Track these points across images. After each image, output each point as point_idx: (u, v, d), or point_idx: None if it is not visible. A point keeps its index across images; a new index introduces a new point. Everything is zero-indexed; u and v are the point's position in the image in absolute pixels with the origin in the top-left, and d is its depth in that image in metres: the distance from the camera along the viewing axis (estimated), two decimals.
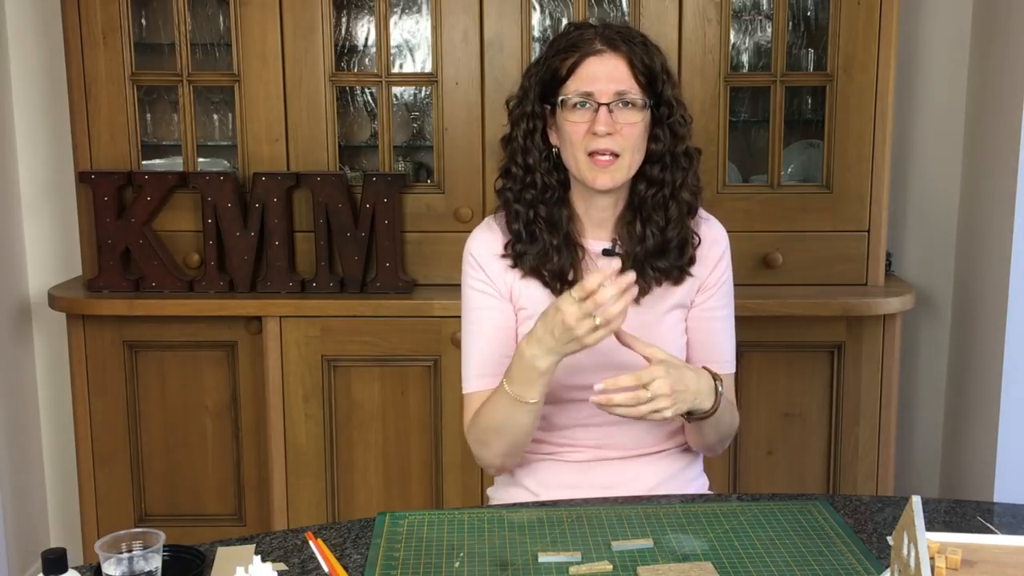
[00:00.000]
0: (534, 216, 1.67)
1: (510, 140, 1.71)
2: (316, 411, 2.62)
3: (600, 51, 1.62)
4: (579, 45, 1.63)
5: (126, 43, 2.62)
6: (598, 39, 1.63)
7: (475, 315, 1.72)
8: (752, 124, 2.81)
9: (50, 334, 3.00)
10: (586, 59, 1.62)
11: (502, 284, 1.71)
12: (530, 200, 1.68)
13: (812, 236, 2.62)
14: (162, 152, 2.80)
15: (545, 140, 1.68)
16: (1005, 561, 1.13)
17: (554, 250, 1.67)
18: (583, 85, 1.61)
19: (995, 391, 2.60)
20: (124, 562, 1.19)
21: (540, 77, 1.67)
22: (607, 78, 1.61)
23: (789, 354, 2.58)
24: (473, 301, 1.72)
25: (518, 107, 1.70)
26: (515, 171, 1.69)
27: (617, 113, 1.60)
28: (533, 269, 1.68)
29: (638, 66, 1.62)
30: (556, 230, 1.68)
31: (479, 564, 1.35)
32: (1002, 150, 2.60)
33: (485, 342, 1.71)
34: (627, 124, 1.61)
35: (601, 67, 1.61)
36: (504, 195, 1.71)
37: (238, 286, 2.63)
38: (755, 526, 1.45)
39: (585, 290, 1.46)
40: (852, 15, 2.54)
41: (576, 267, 1.69)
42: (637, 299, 1.65)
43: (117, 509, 2.71)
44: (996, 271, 2.62)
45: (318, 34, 2.60)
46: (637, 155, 1.64)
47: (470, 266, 1.73)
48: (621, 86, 1.61)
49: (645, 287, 1.67)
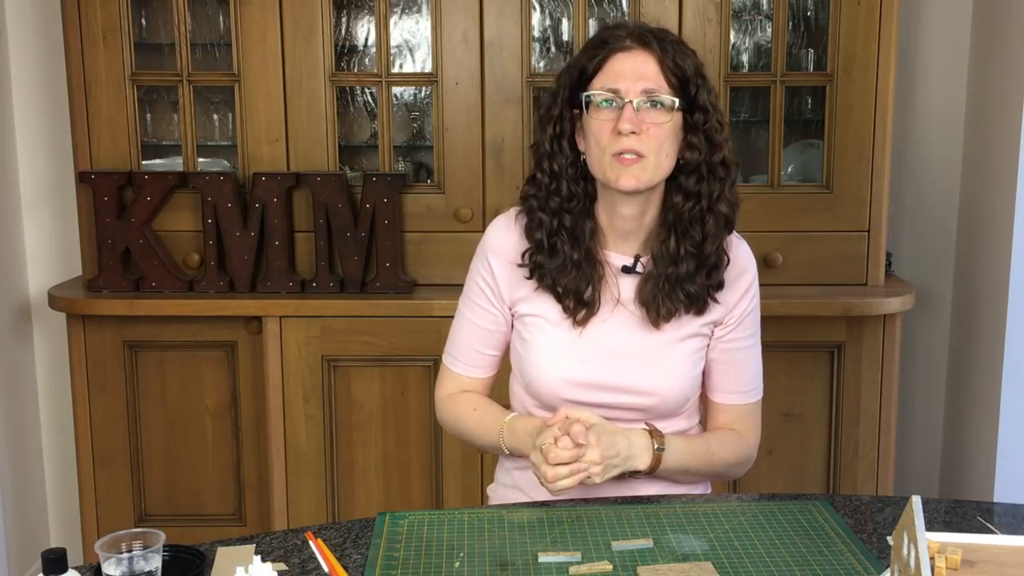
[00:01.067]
0: (557, 226, 1.63)
1: (537, 146, 1.66)
2: (316, 411, 2.62)
3: (629, 47, 1.57)
4: (608, 42, 1.58)
5: (126, 43, 2.62)
6: (628, 36, 1.58)
7: (470, 304, 1.74)
8: (752, 124, 2.81)
9: (50, 334, 3.00)
10: (614, 55, 1.57)
11: (507, 293, 1.69)
12: (555, 208, 1.63)
13: (812, 236, 2.62)
14: (162, 152, 2.80)
15: (573, 147, 1.63)
16: (1005, 561, 1.13)
17: (573, 265, 1.63)
18: (610, 82, 1.56)
19: (995, 391, 2.60)
20: (124, 562, 1.18)
21: (569, 79, 1.62)
22: (634, 75, 1.55)
23: (789, 354, 2.58)
24: (472, 292, 1.73)
25: (547, 111, 1.65)
26: (540, 177, 1.64)
27: (644, 112, 1.55)
28: (549, 286, 1.65)
29: (669, 65, 1.56)
30: (578, 244, 1.63)
31: (479, 564, 1.35)
32: (1002, 150, 2.60)
33: (469, 334, 1.73)
34: (654, 124, 1.55)
35: (629, 63, 1.56)
36: (529, 202, 1.66)
37: (238, 286, 2.63)
38: (755, 526, 1.45)
39: (556, 458, 1.47)
40: (852, 15, 2.54)
41: (594, 284, 1.64)
42: (658, 324, 1.63)
43: (117, 509, 2.71)
44: (996, 271, 2.62)
45: (318, 34, 2.60)
46: (664, 159, 1.57)
47: (482, 262, 1.72)
48: (649, 84, 1.55)
49: (673, 310, 1.62)
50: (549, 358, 1.65)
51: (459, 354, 1.75)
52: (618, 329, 1.64)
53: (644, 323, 1.64)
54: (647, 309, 1.63)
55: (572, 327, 1.65)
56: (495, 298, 1.70)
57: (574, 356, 1.64)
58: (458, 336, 1.75)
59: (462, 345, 1.74)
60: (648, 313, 1.63)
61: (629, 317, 1.65)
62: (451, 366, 1.76)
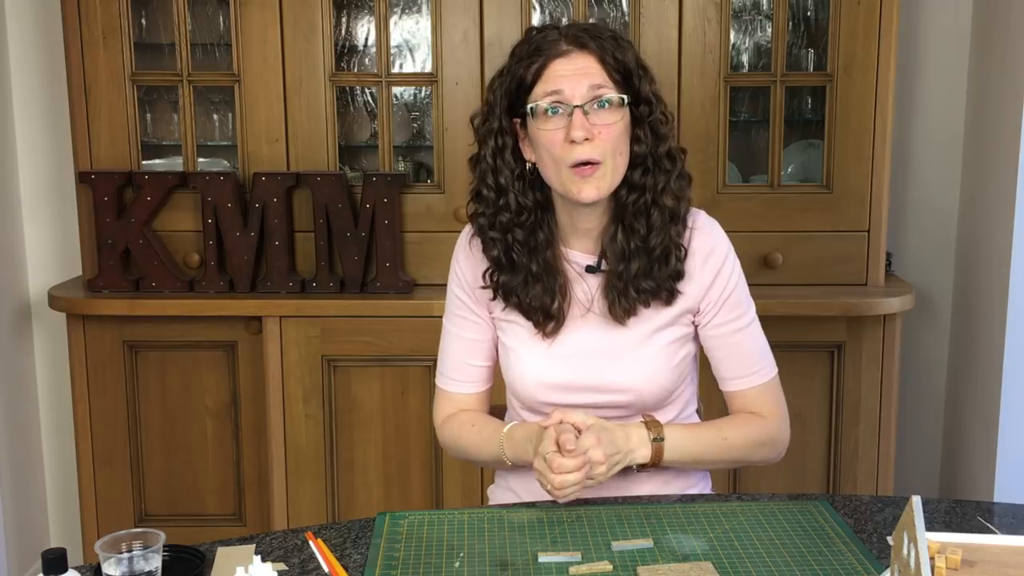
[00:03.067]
0: (512, 241, 1.59)
1: (478, 160, 1.61)
2: (316, 411, 2.62)
3: (566, 51, 1.52)
4: (543, 48, 1.52)
5: (126, 43, 2.62)
6: (563, 40, 1.53)
7: (452, 318, 1.72)
8: (752, 124, 2.81)
9: (50, 334, 3.00)
10: (552, 61, 1.52)
11: (484, 301, 1.68)
12: (505, 223, 1.59)
13: (812, 236, 2.62)
14: (162, 152, 2.80)
15: (518, 157, 1.58)
16: (1005, 561, 1.13)
17: (534, 277, 1.60)
18: (551, 86, 1.51)
19: (995, 391, 2.60)
20: (124, 562, 1.18)
21: (505, 88, 1.56)
22: (577, 77, 1.50)
23: (789, 354, 2.56)
24: (453, 305, 1.72)
25: (484, 124, 1.60)
26: (486, 193, 1.60)
27: (593, 115, 1.50)
28: (516, 305, 1.63)
29: (610, 62, 1.52)
30: (535, 255, 1.60)
31: (479, 564, 1.35)
32: (1002, 150, 2.60)
33: (457, 348, 1.71)
34: (605, 126, 1.50)
35: (570, 67, 1.51)
36: (477, 221, 1.63)
37: (238, 286, 2.63)
38: (755, 526, 1.45)
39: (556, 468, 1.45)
40: (852, 15, 2.54)
41: (559, 295, 1.61)
42: (623, 320, 1.61)
43: (117, 509, 2.71)
44: (996, 271, 2.62)
45: (318, 34, 2.60)
46: (620, 159, 1.54)
47: (455, 275, 1.71)
48: (594, 81, 1.50)
49: (629, 308, 1.59)
50: (523, 363, 1.65)
51: (451, 372, 1.72)
52: (588, 332, 1.63)
53: (612, 321, 1.62)
54: (608, 307, 1.61)
55: (543, 338, 1.64)
56: (476, 306, 1.69)
57: (547, 361, 1.64)
58: (447, 354, 1.73)
59: (453, 362, 1.72)
60: (610, 311, 1.61)
61: (598, 318, 1.63)
62: (445, 386, 1.73)
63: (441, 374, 1.74)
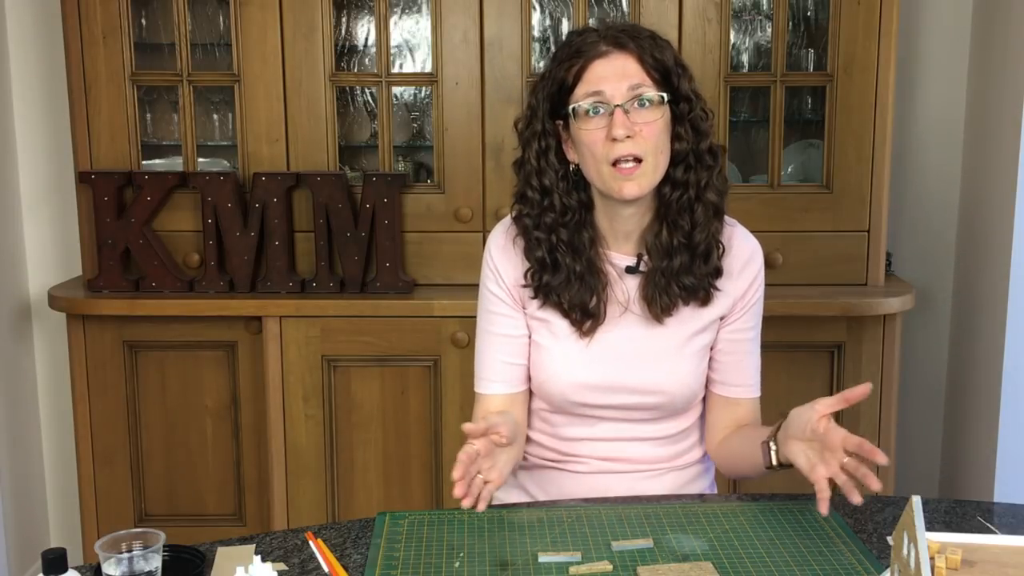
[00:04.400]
0: (556, 241, 1.60)
1: (523, 163, 1.63)
2: (316, 411, 2.62)
3: (606, 52, 1.54)
4: (583, 50, 1.55)
5: (126, 43, 2.62)
6: (602, 41, 1.55)
7: (488, 316, 1.70)
8: (752, 124, 2.81)
9: (50, 334, 3.00)
10: (592, 62, 1.54)
11: (520, 297, 1.67)
12: (550, 224, 1.60)
13: (812, 236, 2.62)
14: (162, 152, 2.80)
15: (561, 159, 1.61)
16: (1005, 561, 1.13)
17: (576, 277, 1.60)
18: (592, 87, 1.53)
19: (995, 391, 2.60)
20: (124, 562, 1.18)
21: (547, 92, 1.59)
22: (617, 77, 1.52)
23: (789, 354, 2.58)
24: (488, 302, 1.69)
25: (527, 127, 1.62)
26: (531, 195, 1.61)
27: (634, 114, 1.52)
28: (555, 303, 1.63)
29: (649, 61, 1.54)
30: (578, 255, 1.61)
31: (479, 564, 1.35)
32: (1002, 150, 2.60)
33: (495, 348, 1.68)
34: (646, 124, 1.52)
35: (609, 67, 1.53)
36: (522, 222, 1.63)
37: (238, 286, 2.63)
38: (755, 526, 1.45)
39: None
40: (852, 15, 2.54)
41: (599, 295, 1.62)
42: (661, 319, 1.62)
43: (117, 509, 2.71)
44: (996, 271, 2.62)
45: (318, 34, 2.60)
46: (661, 157, 1.55)
47: (489, 269, 1.69)
48: (633, 80, 1.52)
49: (670, 304, 1.61)
50: (557, 363, 1.64)
51: (488, 372, 1.68)
52: (626, 332, 1.63)
53: (651, 321, 1.63)
54: (648, 305, 1.62)
55: (580, 337, 1.64)
56: (512, 301, 1.67)
57: (582, 362, 1.63)
58: (484, 355, 1.70)
59: (490, 361, 1.69)
60: (650, 309, 1.62)
61: (636, 318, 1.64)
62: (483, 389, 1.69)
63: (478, 377, 1.70)
